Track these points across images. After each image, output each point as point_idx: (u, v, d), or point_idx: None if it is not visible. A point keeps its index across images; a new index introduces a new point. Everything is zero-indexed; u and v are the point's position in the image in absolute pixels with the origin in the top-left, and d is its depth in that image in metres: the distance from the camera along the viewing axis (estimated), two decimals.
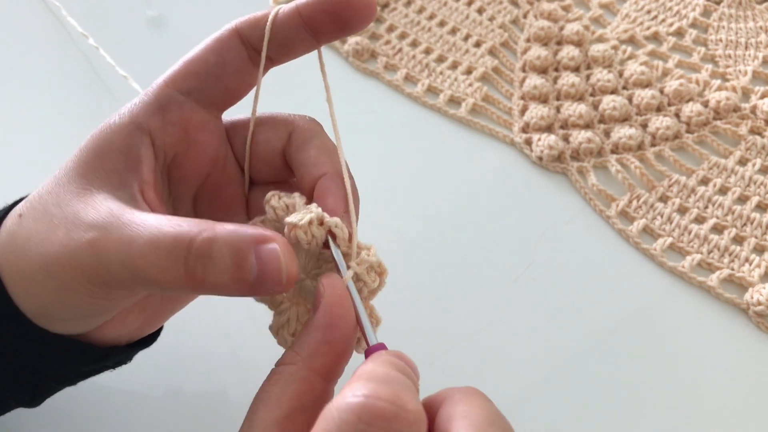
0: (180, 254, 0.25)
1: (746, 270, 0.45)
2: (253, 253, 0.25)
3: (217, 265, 0.25)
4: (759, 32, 0.58)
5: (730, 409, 0.40)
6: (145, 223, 0.25)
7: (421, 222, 0.47)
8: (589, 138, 0.50)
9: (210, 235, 0.25)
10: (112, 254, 0.25)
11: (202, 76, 0.29)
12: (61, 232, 0.26)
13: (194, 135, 0.30)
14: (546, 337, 0.42)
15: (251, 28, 0.30)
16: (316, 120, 0.32)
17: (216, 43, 0.30)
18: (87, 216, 0.26)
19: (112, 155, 0.28)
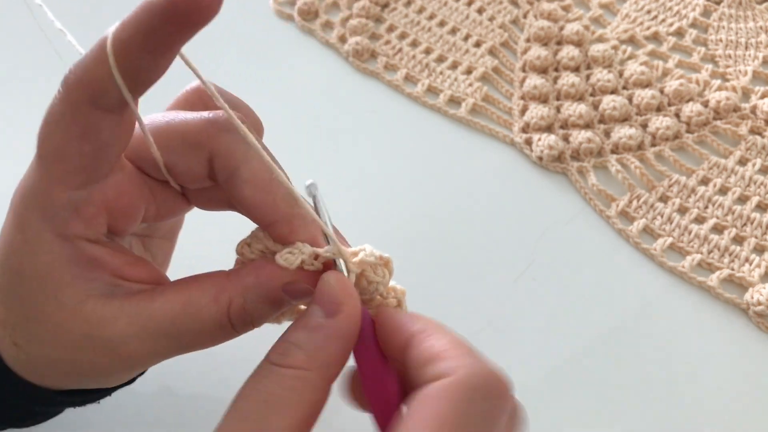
0: (227, 329, 0.26)
1: (746, 270, 0.45)
2: (282, 293, 0.27)
3: (259, 318, 0.27)
4: (759, 32, 0.58)
5: (730, 408, 0.40)
6: (166, 317, 0.26)
7: (420, 222, 0.47)
8: (589, 138, 0.50)
9: (240, 303, 0.26)
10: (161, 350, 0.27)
11: (84, 169, 0.25)
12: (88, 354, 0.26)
13: (120, 205, 0.26)
14: (546, 337, 0.42)
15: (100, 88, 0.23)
16: (231, 127, 0.25)
17: (74, 124, 0.24)
18: (102, 334, 0.26)
19: (57, 281, 0.25)
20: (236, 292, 0.26)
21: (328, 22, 0.59)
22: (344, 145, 0.51)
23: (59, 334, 0.26)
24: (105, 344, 0.25)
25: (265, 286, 0.26)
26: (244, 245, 0.28)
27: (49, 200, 0.25)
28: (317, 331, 0.24)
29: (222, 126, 0.26)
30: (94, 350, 0.26)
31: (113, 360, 0.26)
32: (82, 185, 0.25)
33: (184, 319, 0.25)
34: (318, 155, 0.50)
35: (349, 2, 0.60)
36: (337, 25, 0.59)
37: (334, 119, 0.53)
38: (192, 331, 0.26)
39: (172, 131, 0.26)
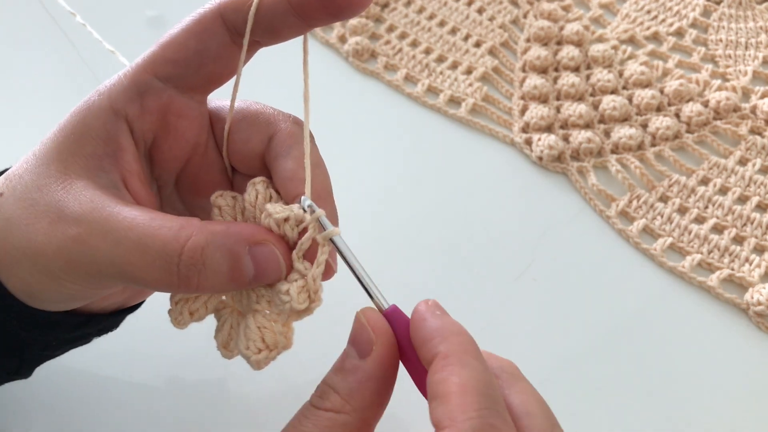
0: (172, 262, 0.25)
1: (746, 270, 0.45)
2: (247, 254, 0.25)
3: (212, 271, 0.25)
4: (759, 32, 0.58)
5: (730, 408, 0.39)
6: (130, 222, 0.25)
7: (421, 222, 0.47)
8: (589, 138, 0.50)
9: (200, 241, 0.25)
10: (101, 253, 0.25)
11: (182, 62, 0.28)
12: (45, 221, 0.26)
13: (173, 122, 0.29)
14: (546, 336, 0.42)
15: (235, 12, 0.27)
16: (298, 122, 0.30)
17: (197, 25, 0.28)
18: (69, 207, 0.26)
19: (90, 140, 0.27)
20: (201, 232, 0.25)
21: None
22: (344, 145, 0.51)
23: (46, 190, 0.27)
24: (63, 218, 0.26)
25: (232, 237, 0.25)
26: (218, 197, 0.28)
27: (128, 75, 0.28)
28: (351, 374, 0.24)
29: (290, 117, 0.30)
30: (52, 222, 0.26)
31: (60, 237, 0.26)
32: (168, 78, 0.28)
33: (142, 230, 0.25)
34: None
35: None
36: (337, 24, 0.59)
37: (334, 119, 0.52)
38: (142, 245, 0.25)
39: (253, 108, 0.30)
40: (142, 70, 0.28)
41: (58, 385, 0.38)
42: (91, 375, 0.39)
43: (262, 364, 0.26)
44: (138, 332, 0.39)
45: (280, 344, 0.27)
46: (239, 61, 0.28)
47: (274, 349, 0.26)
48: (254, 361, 0.26)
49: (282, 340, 0.27)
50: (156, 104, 0.28)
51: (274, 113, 0.30)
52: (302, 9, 0.26)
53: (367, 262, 0.33)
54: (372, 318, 0.25)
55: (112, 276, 0.26)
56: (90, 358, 0.39)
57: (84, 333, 0.32)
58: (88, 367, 0.39)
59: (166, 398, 0.39)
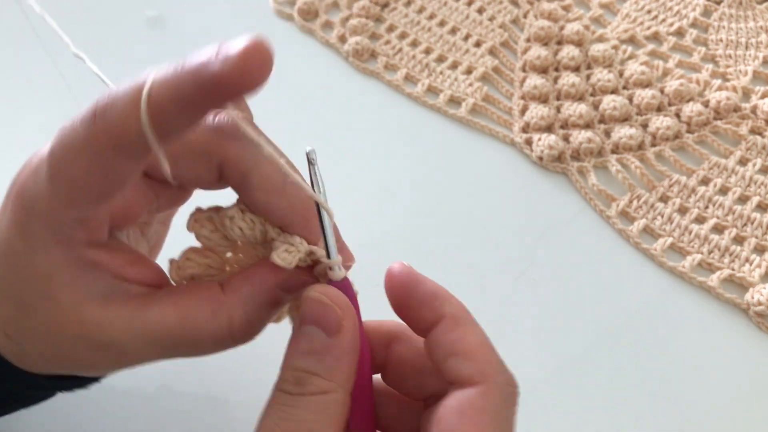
0: (228, 343, 0.27)
1: (746, 270, 0.45)
2: (279, 292, 0.27)
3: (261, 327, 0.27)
4: (759, 32, 0.58)
5: (730, 408, 0.39)
6: (165, 328, 0.26)
7: (420, 222, 0.47)
8: (590, 138, 0.50)
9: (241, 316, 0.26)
10: (158, 354, 0.27)
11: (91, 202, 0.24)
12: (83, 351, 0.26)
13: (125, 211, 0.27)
14: (546, 336, 0.42)
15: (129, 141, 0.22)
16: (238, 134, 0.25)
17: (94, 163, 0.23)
18: (103, 336, 0.26)
19: (61, 288, 0.25)
20: (235, 305, 0.26)
21: (328, 21, 0.59)
22: (344, 145, 0.51)
23: (53, 332, 0.25)
24: (100, 346, 0.25)
25: (263, 293, 0.26)
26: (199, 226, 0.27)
27: (55, 217, 0.24)
28: (325, 354, 0.24)
29: (229, 133, 0.25)
30: (88, 349, 0.26)
31: (108, 358, 0.26)
32: (92, 208, 0.24)
33: (181, 332, 0.25)
34: (317, 155, 0.50)
35: (349, 2, 0.60)
36: (337, 24, 0.58)
37: (333, 119, 0.52)
38: (189, 343, 0.26)
39: (179, 142, 0.25)
40: (58, 211, 0.25)
41: None
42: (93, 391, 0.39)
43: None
44: None
45: None
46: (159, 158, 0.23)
47: None
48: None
49: None
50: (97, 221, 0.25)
51: (204, 136, 0.25)
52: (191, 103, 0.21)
53: (366, 263, 0.33)
54: (333, 295, 0.25)
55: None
56: None
57: (82, 384, 0.31)
58: None
59: (165, 398, 0.39)
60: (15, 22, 0.58)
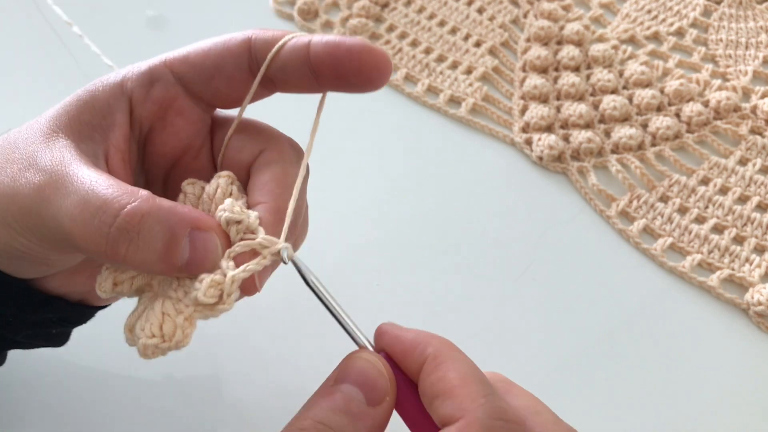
0: (105, 222, 0.23)
1: (746, 270, 0.45)
2: (187, 237, 0.24)
3: (144, 243, 0.23)
4: (759, 32, 0.58)
5: (730, 408, 0.39)
6: (84, 179, 0.24)
7: (420, 222, 0.47)
8: (590, 138, 0.50)
9: (142, 208, 0.23)
10: (51, 206, 0.24)
11: (197, 67, 0.28)
12: (16, 166, 0.26)
13: (171, 117, 0.29)
14: (546, 336, 0.42)
15: (262, 44, 0.28)
16: (294, 146, 0.30)
17: (224, 43, 0.28)
18: (42, 158, 0.26)
19: (90, 109, 0.28)
20: (147, 202, 0.24)
21: (328, 21, 0.59)
22: (344, 145, 0.51)
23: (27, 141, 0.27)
24: (33, 166, 0.26)
25: (177, 215, 0.24)
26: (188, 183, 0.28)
27: (147, 64, 0.29)
28: (361, 420, 0.24)
29: (286, 138, 0.30)
30: (21, 168, 0.26)
31: (23, 182, 0.26)
32: (180, 76, 0.29)
33: (92, 188, 0.24)
34: (317, 155, 0.50)
35: (349, 2, 0.60)
36: (337, 24, 0.58)
37: (333, 119, 0.52)
38: (85, 201, 0.24)
39: (257, 124, 0.30)
40: (161, 62, 0.29)
41: (58, 386, 0.38)
42: (91, 376, 0.39)
43: (149, 352, 0.25)
44: None
45: (176, 338, 0.24)
46: (251, 88, 0.28)
47: (167, 341, 0.24)
48: (142, 345, 0.24)
49: (179, 334, 0.24)
50: (161, 94, 0.29)
51: (273, 132, 0.30)
52: (317, 67, 0.27)
53: (367, 263, 0.33)
54: (381, 366, 0.25)
55: (52, 231, 0.25)
56: (89, 359, 0.39)
57: (45, 318, 0.31)
58: (88, 367, 0.39)
59: (163, 398, 0.39)
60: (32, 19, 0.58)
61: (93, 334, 0.35)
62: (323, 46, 0.26)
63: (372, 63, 0.26)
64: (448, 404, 0.23)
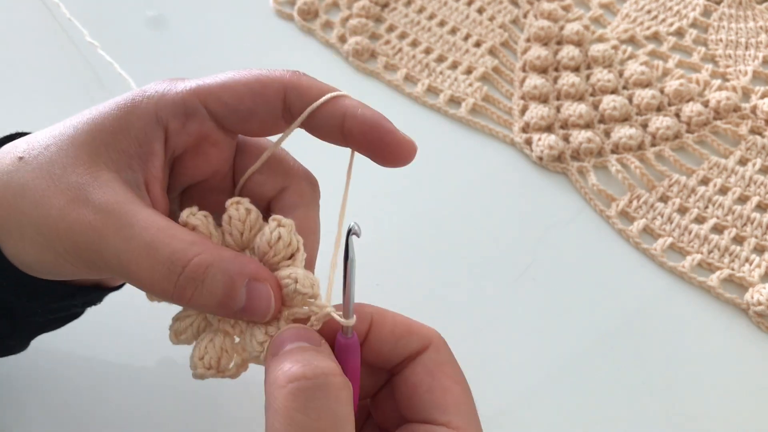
0: (174, 271, 0.25)
1: (746, 270, 0.45)
2: (244, 287, 0.26)
3: (207, 290, 0.26)
4: (759, 32, 0.58)
5: (730, 408, 0.40)
6: (147, 223, 0.26)
7: (420, 222, 0.47)
8: (589, 138, 0.50)
9: (207, 259, 0.26)
10: (110, 244, 0.26)
11: (232, 109, 0.29)
12: (63, 199, 0.27)
13: (206, 148, 0.30)
14: (546, 336, 0.42)
15: (297, 97, 0.29)
16: (313, 183, 0.32)
17: (260, 87, 0.29)
18: (92, 194, 0.26)
19: (127, 138, 0.28)
20: (210, 252, 0.26)
21: (328, 21, 0.59)
22: None
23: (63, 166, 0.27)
24: (84, 200, 0.26)
25: (237, 266, 0.26)
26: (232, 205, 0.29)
27: (179, 93, 0.29)
28: (323, 350, 0.26)
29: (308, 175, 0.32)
30: (70, 201, 0.26)
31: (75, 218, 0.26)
32: (214, 114, 0.29)
33: (156, 235, 0.26)
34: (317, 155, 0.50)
35: (349, 2, 0.60)
36: (337, 24, 0.59)
37: None
38: (152, 248, 0.26)
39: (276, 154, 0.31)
40: (195, 95, 0.29)
41: (59, 386, 0.38)
42: (91, 376, 0.39)
43: (203, 378, 0.28)
44: (138, 330, 0.39)
45: (229, 373, 0.28)
46: (280, 138, 0.30)
47: (221, 372, 0.28)
48: (199, 374, 0.28)
49: (233, 371, 0.28)
50: (196, 130, 0.29)
51: (293, 166, 0.31)
52: (350, 137, 0.29)
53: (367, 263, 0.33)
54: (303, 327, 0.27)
55: (112, 269, 0.27)
56: (90, 358, 0.39)
57: (69, 304, 0.32)
58: (88, 367, 0.39)
59: (164, 397, 0.39)
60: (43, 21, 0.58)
61: (93, 334, 0.35)
62: (359, 125, 0.29)
63: (400, 155, 0.30)
64: (414, 338, 0.28)
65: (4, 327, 0.31)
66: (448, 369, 0.28)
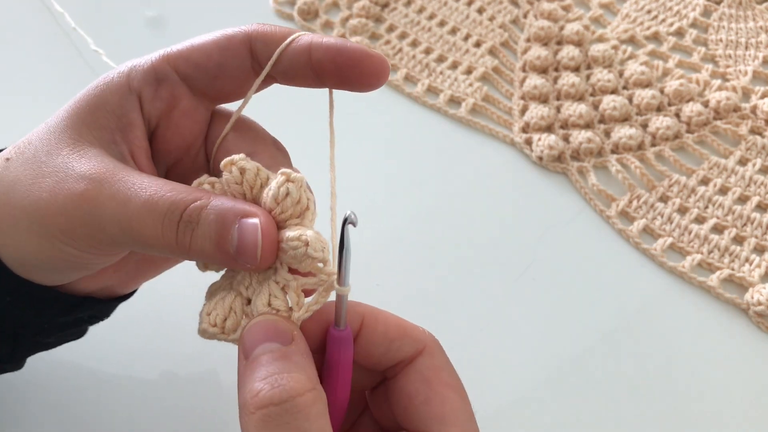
0: (174, 219, 0.25)
1: (746, 270, 0.45)
2: (236, 225, 0.25)
3: (202, 232, 0.25)
4: (759, 32, 0.58)
5: (730, 408, 0.40)
6: (142, 184, 0.26)
7: (420, 222, 0.47)
8: (589, 138, 0.50)
9: (203, 203, 0.26)
10: (107, 211, 0.26)
11: (201, 68, 0.29)
12: (51, 179, 0.27)
13: (177, 118, 0.30)
14: (546, 336, 0.42)
15: (262, 43, 0.29)
16: (281, 148, 0.31)
17: (225, 41, 0.29)
18: (80, 167, 0.27)
19: (105, 113, 0.28)
20: (207, 198, 0.26)
21: (328, 22, 0.59)
22: (343, 145, 0.51)
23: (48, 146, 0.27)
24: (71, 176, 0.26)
25: (229, 207, 0.26)
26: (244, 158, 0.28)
27: (149, 61, 0.29)
28: (293, 356, 0.25)
29: (270, 139, 0.31)
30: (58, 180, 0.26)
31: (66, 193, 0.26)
32: (185, 77, 0.29)
33: (153, 191, 0.26)
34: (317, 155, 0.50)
35: (349, 2, 0.60)
36: (337, 24, 0.59)
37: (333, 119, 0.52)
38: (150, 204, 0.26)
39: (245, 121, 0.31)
40: (164, 61, 0.29)
41: (60, 386, 0.38)
42: (93, 377, 0.39)
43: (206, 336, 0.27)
44: (138, 332, 0.39)
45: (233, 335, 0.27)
46: (251, 89, 0.30)
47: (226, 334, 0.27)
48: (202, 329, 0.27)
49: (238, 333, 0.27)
50: (168, 94, 0.29)
51: (261, 133, 0.31)
52: (319, 67, 0.28)
53: (367, 263, 0.33)
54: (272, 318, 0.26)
55: (114, 236, 0.26)
56: (91, 359, 0.39)
57: (77, 318, 0.32)
58: (89, 368, 0.39)
59: (165, 398, 0.39)
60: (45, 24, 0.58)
61: (93, 334, 0.35)
62: (324, 53, 0.28)
63: (371, 70, 0.28)
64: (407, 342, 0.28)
65: (5, 349, 0.31)
66: (444, 376, 0.27)
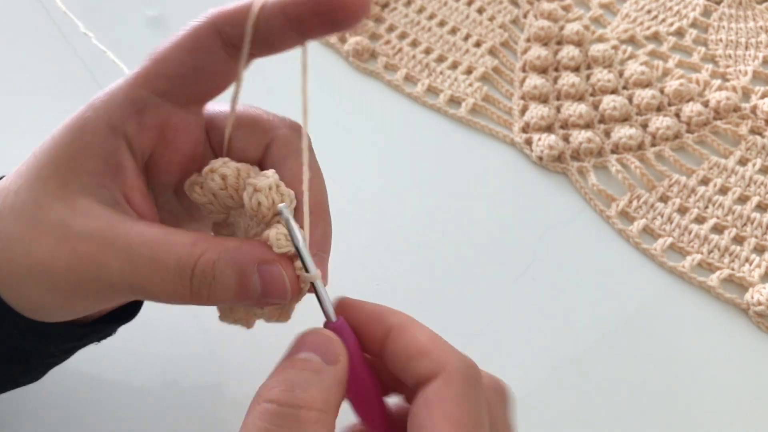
0: (185, 277, 0.25)
1: (746, 270, 0.45)
2: (256, 273, 0.26)
3: (221, 285, 0.25)
4: (759, 32, 0.58)
5: (730, 409, 0.40)
6: (142, 238, 0.26)
7: (420, 222, 0.47)
8: (589, 138, 0.50)
9: (212, 257, 0.25)
10: (114, 271, 0.25)
11: (178, 78, 0.27)
12: (51, 238, 0.26)
13: (171, 137, 0.28)
14: (546, 337, 0.42)
15: (231, 26, 0.27)
16: (298, 128, 0.30)
17: (192, 42, 0.27)
18: (76, 225, 0.26)
19: (89, 158, 0.27)
20: (214, 248, 0.26)
21: None
22: (344, 145, 0.51)
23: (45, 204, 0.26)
24: (72, 236, 0.26)
25: (242, 254, 0.26)
26: (194, 185, 0.28)
27: (122, 90, 0.27)
28: (323, 373, 0.25)
29: (288, 123, 0.30)
30: (59, 240, 0.26)
31: (69, 255, 0.26)
32: (164, 93, 0.27)
33: (156, 247, 0.25)
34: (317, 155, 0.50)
35: None
36: None
37: (333, 119, 0.52)
38: (157, 261, 0.25)
39: (250, 114, 0.30)
40: (138, 86, 0.27)
41: (61, 387, 0.38)
42: (94, 378, 0.39)
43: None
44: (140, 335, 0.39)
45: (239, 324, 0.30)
46: (238, 74, 0.28)
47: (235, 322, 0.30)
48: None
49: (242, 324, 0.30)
50: (154, 122, 0.28)
51: (271, 119, 0.30)
52: (298, 23, 0.27)
53: (367, 263, 0.33)
54: (334, 335, 0.26)
55: (123, 291, 0.26)
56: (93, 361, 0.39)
57: (85, 342, 0.32)
58: (90, 370, 0.39)
59: (166, 401, 0.39)
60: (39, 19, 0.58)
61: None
62: (298, 6, 0.26)
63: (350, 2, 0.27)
64: (425, 362, 0.25)
65: (18, 370, 0.31)
66: (449, 407, 0.24)
